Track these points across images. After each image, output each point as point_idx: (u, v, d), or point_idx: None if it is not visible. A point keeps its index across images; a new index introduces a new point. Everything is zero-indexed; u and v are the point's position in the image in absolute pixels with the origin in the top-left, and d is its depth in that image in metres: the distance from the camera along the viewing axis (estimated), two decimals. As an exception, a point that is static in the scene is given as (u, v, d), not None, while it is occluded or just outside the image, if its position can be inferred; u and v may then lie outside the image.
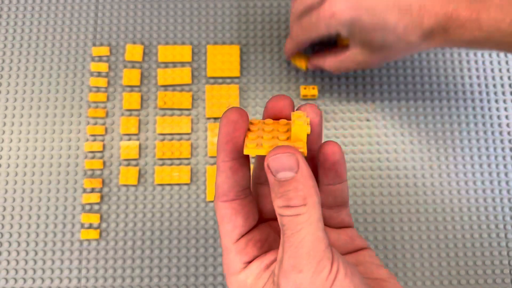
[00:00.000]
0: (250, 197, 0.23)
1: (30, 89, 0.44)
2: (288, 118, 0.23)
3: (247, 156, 0.23)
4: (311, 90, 0.44)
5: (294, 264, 0.19)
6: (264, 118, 0.24)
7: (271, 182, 0.20)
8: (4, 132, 0.43)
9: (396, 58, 0.38)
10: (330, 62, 0.40)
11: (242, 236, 0.23)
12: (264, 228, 0.24)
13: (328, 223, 0.26)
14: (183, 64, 0.45)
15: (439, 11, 0.33)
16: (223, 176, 0.22)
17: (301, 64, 0.43)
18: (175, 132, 0.43)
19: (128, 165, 0.43)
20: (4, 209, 0.42)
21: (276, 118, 0.23)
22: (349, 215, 0.26)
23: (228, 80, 0.45)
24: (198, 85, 0.45)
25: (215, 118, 0.44)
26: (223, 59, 0.45)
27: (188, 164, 0.43)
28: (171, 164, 0.43)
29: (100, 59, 0.45)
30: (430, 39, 0.35)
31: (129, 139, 0.43)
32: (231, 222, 0.22)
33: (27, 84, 0.44)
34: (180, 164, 0.43)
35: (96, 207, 0.42)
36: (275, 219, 0.25)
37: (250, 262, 0.22)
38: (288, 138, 0.21)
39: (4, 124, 0.43)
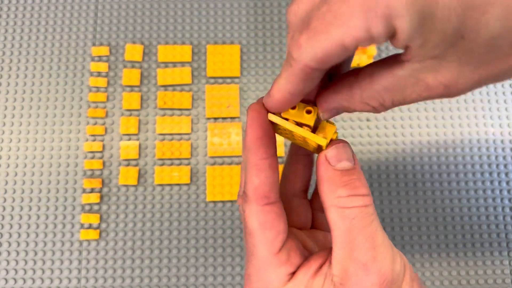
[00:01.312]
0: (282, 203, 0.21)
1: (29, 89, 0.44)
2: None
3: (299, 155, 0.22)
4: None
5: (374, 255, 0.18)
6: None
7: (329, 174, 0.19)
8: (3, 132, 0.43)
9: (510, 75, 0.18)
10: (369, 92, 0.18)
11: (283, 245, 0.20)
12: (292, 236, 0.22)
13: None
14: (183, 64, 0.45)
15: None
16: (262, 176, 0.19)
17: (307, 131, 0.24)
18: (175, 132, 0.43)
19: (128, 165, 0.43)
20: (4, 209, 0.41)
21: None
22: None
23: (228, 80, 0.45)
24: (198, 85, 0.45)
25: (215, 118, 0.44)
26: (223, 59, 0.45)
27: (188, 164, 0.43)
28: (171, 164, 0.43)
29: (99, 59, 0.45)
30: None
31: (129, 139, 0.43)
32: (273, 228, 0.20)
33: (26, 84, 0.44)
34: (180, 164, 0.43)
35: (95, 207, 0.42)
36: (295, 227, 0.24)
37: (294, 272, 0.20)
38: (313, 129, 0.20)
39: (4, 124, 0.43)
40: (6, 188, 0.42)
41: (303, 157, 0.25)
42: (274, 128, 0.21)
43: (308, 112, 0.20)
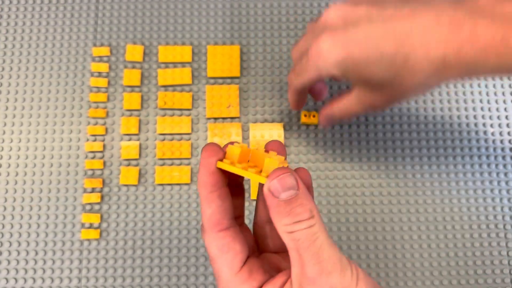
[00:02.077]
0: (237, 227, 0.24)
1: (30, 89, 0.44)
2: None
3: (227, 186, 0.24)
4: (312, 119, 0.43)
5: (320, 269, 0.20)
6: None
7: (274, 205, 0.21)
8: (4, 132, 0.43)
9: (406, 97, 0.30)
10: (337, 108, 0.35)
11: (244, 264, 0.22)
12: (256, 258, 0.24)
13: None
14: (183, 64, 0.45)
15: (450, 36, 0.25)
16: (213, 206, 0.22)
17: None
18: (175, 132, 0.43)
19: (129, 165, 0.43)
20: (5, 209, 0.42)
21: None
22: None
23: (228, 80, 0.45)
24: (198, 85, 0.45)
25: (215, 118, 0.44)
26: (223, 59, 0.45)
27: (188, 164, 0.43)
28: (172, 164, 0.43)
29: (100, 59, 0.45)
30: (444, 71, 0.26)
31: (130, 139, 0.43)
32: (230, 250, 0.22)
33: (27, 84, 0.44)
34: (180, 164, 0.43)
35: (96, 207, 0.42)
36: (261, 252, 0.26)
37: None
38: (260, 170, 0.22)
39: (5, 124, 0.43)
40: (7, 188, 0.42)
41: (239, 189, 0.27)
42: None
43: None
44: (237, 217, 0.26)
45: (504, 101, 0.45)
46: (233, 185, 0.26)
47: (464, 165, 0.44)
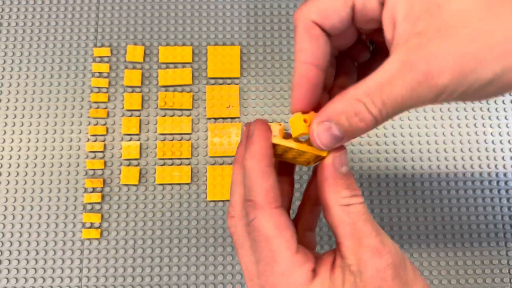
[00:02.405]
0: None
1: (31, 89, 0.44)
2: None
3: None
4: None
5: (381, 239, 0.20)
6: None
7: (334, 177, 0.21)
8: (5, 132, 0.43)
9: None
10: (362, 88, 0.19)
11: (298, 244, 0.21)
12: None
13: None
14: (183, 64, 0.45)
15: None
16: (271, 180, 0.21)
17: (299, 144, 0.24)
18: (176, 132, 0.44)
19: (129, 165, 0.43)
20: (6, 208, 0.42)
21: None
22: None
23: (229, 81, 0.45)
24: (198, 85, 0.45)
25: (216, 118, 0.44)
26: (224, 59, 0.45)
27: (189, 164, 0.43)
28: (172, 164, 0.43)
29: (101, 59, 0.45)
30: None
31: (130, 139, 0.43)
32: (289, 229, 0.21)
33: (28, 85, 0.44)
34: (180, 164, 0.43)
35: (97, 206, 0.42)
36: None
37: (314, 270, 0.21)
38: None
39: (6, 124, 0.44)
40: (8, 188, 0.42)
41: (286, 178, 0.26)
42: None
43: (305, 121, 0.22)
44: (288, 210, 0.26)
45: (503, 101, 0.45)
46: (286, 175, 0.26)
47: (464, 165, 0.44)
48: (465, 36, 0.17)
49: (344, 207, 0.21)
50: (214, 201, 0.42)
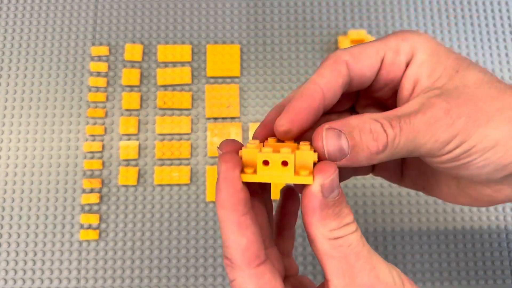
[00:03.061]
0: (271, 253, 0.20)
1: (29, 89, 0.44)
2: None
3: (261, 199, 0.20)
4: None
5: (376, 275, 0.18)
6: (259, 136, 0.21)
7: (321, 207, 0.18)
8: (3, 132, 0.43)
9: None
10: (382, 114, 0.20)
11: None
12: (288, 282, 0.21)
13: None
14: (183, 63, 0.45)
15: None
16: (248, 233, 0.17)
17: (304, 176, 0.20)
18: (175, 132, 0.43)
19: (128, 165, 0.42)
20: (3, 209, 0.41)
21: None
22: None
23: (228, 80, 0.45)
24: (198, 85, 0.44)
25: (215, 118, 0.44)
26: (223, 58, 0.45)
27: (188, 164, 0.43)
28: (171, 164, 0.43)
29: (99, 58, 0.45)
30: None
31: (129, 139, 0.43)
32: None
33: (26, 84, 0.44)
34: (180, 164, 0.43)
35: (95, 207, 0.42)
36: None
37: None
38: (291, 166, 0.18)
39: (3, 124, 0.43)
40: (6, 189, 0.42)
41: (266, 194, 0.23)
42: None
43: (284, 164, 0.18)
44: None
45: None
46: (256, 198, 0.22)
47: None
48: (482, 94, 0.20)
49: (332, 240, 0.18)
50: (213, 201, 0.42)
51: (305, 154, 0.18)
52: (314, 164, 0.18)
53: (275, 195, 0.42)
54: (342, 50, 0.21)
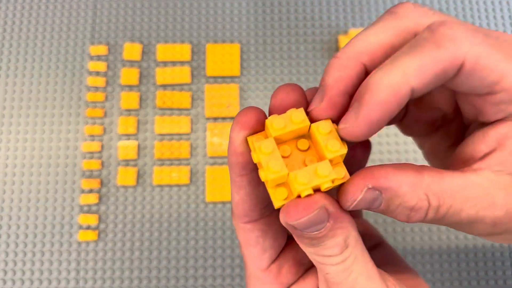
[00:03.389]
0: (275, 212, 0.19)
1: (27, 88, 0.44)
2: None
3: None
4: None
5: None
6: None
7: (295, 235, 0.16)
8: (1, 132, 0.43)
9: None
10: (437, 185, 0.16)
11: (273, 261, 0.19)
12: (293, 244, 0.20)
13: None
14: (182, 63, 0.45)
15: None
16: (241, 193, 0.18)
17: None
18: (174, 132, 0.43)
19: (127, 165, 0.42)
20: (2, 209, 0.41)
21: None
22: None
23: (228, 80, 0.44)
24: (197, 84, 0.44)
25: (215, 118, 0.43)
26: (223, 58, 0.45)
27: (188, 164, 0.42)
28: (170, 165, 0.42)
29: (98, 58, 0.44)
30: None
31: (128, 139, 0.43)
32: (258, 245, 0.18)
33: (24, 84, 0.44)
34: (179, 164, 0.42)
35: (94, 208, 0.41)
36: None
37: None
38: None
39: (2, 124, 0.43)
40: (5, 189, 0.42)
41: None
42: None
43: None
44: None
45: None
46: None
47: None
48: None
49: (316, 262, 0.17)
50: (213, 202, 0.42)
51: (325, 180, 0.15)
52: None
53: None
54: (473, 32, 0.15)
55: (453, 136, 0.18)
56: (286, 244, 0.20)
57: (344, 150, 0.15)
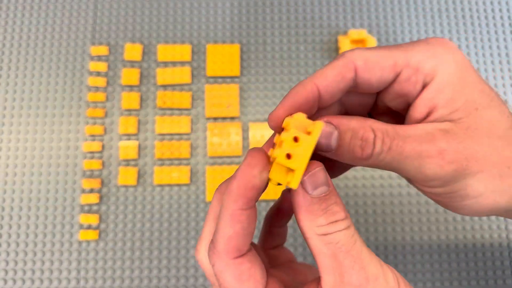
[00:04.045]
0: (254, 249, 0.20)
1: (29, 88, 0.44)
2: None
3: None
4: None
5: (366, 276, 0.18)
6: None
7: (306, 203, 0.18)
8: (3, 132, 0.43)
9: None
10: (386, 126, 0.20)
11: None
12: (273, 275, 0.21)
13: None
14: (182, 63, 0.45)
15: None
16: (238, 227, 0.18)
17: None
18: (175, 132, 0.43)
19: (127, 165, 0.42)
20: (3, 209, 0.41)
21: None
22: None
23: (228, 80, 0.45)
24: (197, 84, 0.44)
25: (215, 118, 0.44)
26: (223, 58, 0.45)
27: (188, 164, 0.43)
28: (171, 164, 0.43)
29: (99, 58, 0.45)
30: None
31: (128, 139, 0.43)
32: (251, 277, 0.19)
33: (25, 84, 0.44)
34: (179, 164, 0.43)
35: (95, 207, 0.41)
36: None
37: None
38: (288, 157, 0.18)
39: (3, 124, 0.43)
40: (6, 189, 0.42)
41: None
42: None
43: (296, 139, 0.18)
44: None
45: (504, 93, 0.45)
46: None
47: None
48: (485, 144, 0.19)
49: (322, 236, 0.18)
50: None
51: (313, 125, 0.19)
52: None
53: (276, 195, 0.42)
54: (358, 51, 0.20)
55: None
56: (268, 278, 0.21)
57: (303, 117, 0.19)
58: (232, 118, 0.44)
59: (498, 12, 0.47)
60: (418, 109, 0.20)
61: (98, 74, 0.44)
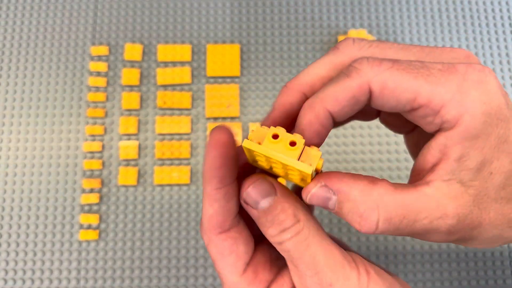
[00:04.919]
0: (242, 221, 0.21)
1: (28, 89, 0.44)
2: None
3: (238, 180, 0.20)
4: None
5: (319, 280, 0.18)
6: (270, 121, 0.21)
7: (256, 216, 0.19)
8: (2, 132, 0.43)
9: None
10: (390, 198, 0.18)
11: (248, 265, 0.20)
12: (262, 247, 0.22)
13: None
14: (182, 63, 0.45)
15: None
16: (216, 205, 0.19)
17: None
18: (175, 132, 0.43)
19: (128, 165, 0.42)
20: (3, 209, 0.41)
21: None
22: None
23: (228, 80, 0.45)
24: (198, 84, 0.44)
25: (215, 118, 0.44)
26: (223, 58, 0.45)
27: (188, 164, 0.43)
28: (171, 164, 0.43)
29: (99, 58, 0.45)
30: None
31: (129, 139, 0.43)
32: (233, 253, 0.20)
33: (25, 84, 0.44)
34: (179, 164, 0.43)
35: (95, 207, 0.41)
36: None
37: None
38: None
39: (3, 124, 0.43)
40: (6, 189, 0.42)
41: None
42: (250, 155, 0.19)
43: (292, 144, 0.18)
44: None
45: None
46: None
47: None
48: (492, 211, 0.18)
49: (277, 245, 0.19)
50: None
51: (314, 153, 0.18)
52: (317, 172, 0.19)
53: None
54: (373, 69, 0.18)
55: (430, 135, 0.20)
56: (256, 249, 0.21)
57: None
58: (232, 118, 0.44)
59: (498, 12, 0.47)
60: (431, 152, 0.18)
61: (98, 74, 0.44)
